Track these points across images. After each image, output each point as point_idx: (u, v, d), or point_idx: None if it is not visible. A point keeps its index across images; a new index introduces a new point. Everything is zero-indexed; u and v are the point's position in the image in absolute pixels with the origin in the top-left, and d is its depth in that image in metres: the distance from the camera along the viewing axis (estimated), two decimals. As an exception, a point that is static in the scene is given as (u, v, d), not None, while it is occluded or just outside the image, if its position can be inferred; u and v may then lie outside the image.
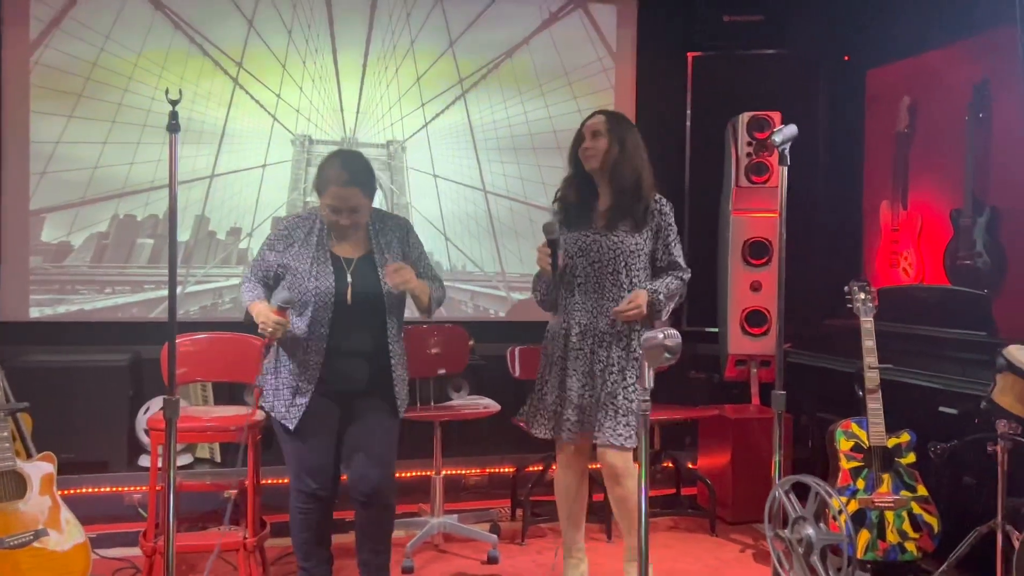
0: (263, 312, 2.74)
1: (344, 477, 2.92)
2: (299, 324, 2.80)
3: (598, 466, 3.05)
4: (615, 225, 3.02)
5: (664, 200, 3.07)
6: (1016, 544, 2.66)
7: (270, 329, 2.71)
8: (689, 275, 3.08)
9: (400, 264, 2.81)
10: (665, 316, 3.02)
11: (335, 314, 2.80)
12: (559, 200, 3.17)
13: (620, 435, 2.92)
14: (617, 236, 3.01)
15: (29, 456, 2.88)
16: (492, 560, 3.58)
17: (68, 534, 2.84)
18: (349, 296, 2.81)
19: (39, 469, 2.85)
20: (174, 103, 2.32)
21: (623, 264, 3.00)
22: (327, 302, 2.79)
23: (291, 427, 2.82)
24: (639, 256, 3.02)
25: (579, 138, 3.12)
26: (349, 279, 2.83)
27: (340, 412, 2.87)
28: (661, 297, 2.97)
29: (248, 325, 2.88)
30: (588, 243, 3.03)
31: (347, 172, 2.77)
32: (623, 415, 2.94)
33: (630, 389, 2.95)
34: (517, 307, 4.89)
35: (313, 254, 2.83)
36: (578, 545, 3.19)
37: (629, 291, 2.98)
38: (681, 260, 3.07)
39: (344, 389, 2.85)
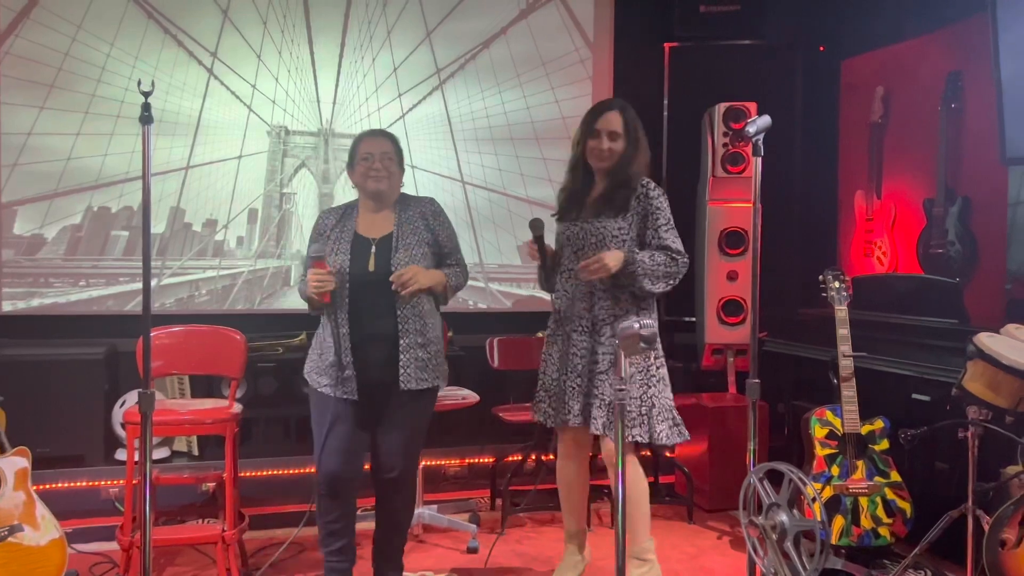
0: (307, 276, 2.77)
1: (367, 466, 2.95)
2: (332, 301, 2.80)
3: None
4: (599, 212, 3.00)
5: (652, 185, 2.99)
6: (986, 528, 2.70)
7: (315, 283, 2.71)
8: (683, 260, 2.94)
9: (401, 272, 2.78)
10: (655, 288, 2.89)
11: (352, 294, 2.79)
12: (561, 191, 3.17)
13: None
14: (600, 222, 2.98)
15: (3, 451, 2.85)
16: (472, 550, 3.59)
17: (44, 529, 2.82)
18: (372, 266, 2.81)
19: (13, 464, 2.83)
20: (146, 94, 2.30)
21: (604, 248, 2.94)
22: (343, 279, 2.79)
23: (349, 397, 2.79)
24: (622, 241, 2.95)
25: (591, 133, 3.01)
26: (371, 257, 2.83)
27: (360, 398, 2.81)
28: (638, 258, 2.86)
29: (227, 318, 2.86)
30: (574, 232, 3.04)
31: (376, 131, 2.97)
32: (600, 403, 2.93)
33: (605, 377, 2.94)
34: (496, 297, 4.90)
35: (338, 234, 2.87)
36: (578, 530, 3.20)
37: (612, 277, 2.92)
38: (674, 244, 2.94)
39: (361, 372, 2.80)
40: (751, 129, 2.56)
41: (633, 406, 2.92)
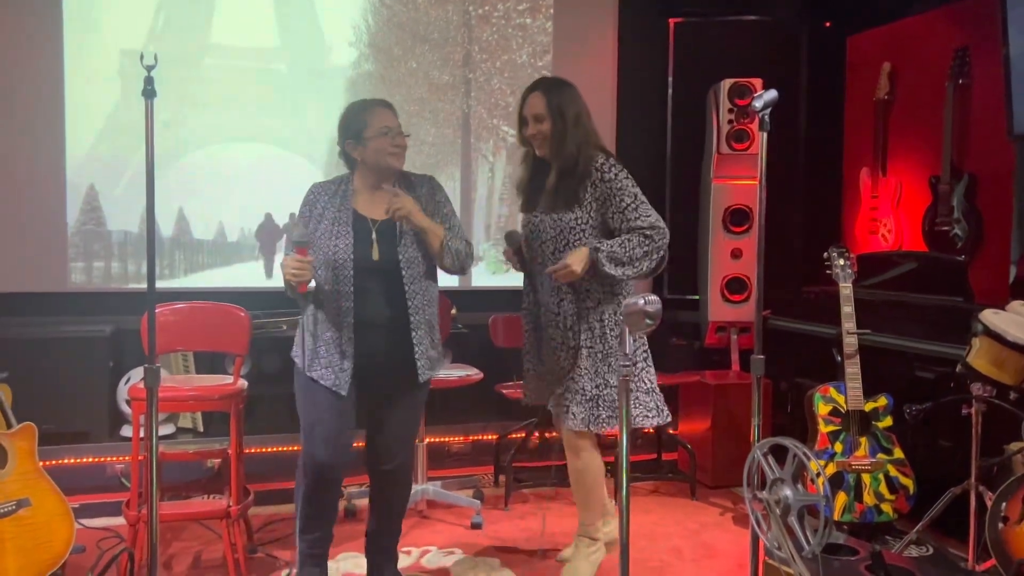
0: (284, 261, 2.58)
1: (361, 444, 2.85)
2: (326, 287, 2.64)
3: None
4: (557, 203, 2.89)
5: (608, 165, 2.83)
6: (989, 504, 2.71)
7: (293, 270, 2.53)
8: (660, 233, 2.81)
9: (398, 191, 2.65)
10: (637, 270, 2.81)
11: (357, 277, 2.63)
12: (517, 183, 3.07)
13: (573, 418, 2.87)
14: (556, 215, 2.88)
15: (9, 427, 2.86)
16: (476, 526, 3.62)
17: (51, 504, 2.83)
18: (375, 255, 2.65)
19: (19, 440, 2.84)
20: (150, 68, 2.27)
21: (564, 243, 2.87)
22: (346, 262, 2.62)
23: (344, 392, 2.64)
24: (583, 232, 2.84)
25: (522, 122, 2.94)
26: (374, 238, 2.66)
27: (358, 385, 2.71)
28: (603, 254, 2.76)
29: (231, 294, 2.84)
30: (535, 224, 2.95)
31: (383, 101, 2.74)
32: (580, 398, 2.88)
33: (582, 371, 2.88)
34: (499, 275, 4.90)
35: (335, 214, 2.66)
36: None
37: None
38: (643, 222, 2.80)
39: (365, 360, 2.68)
40: (758, 103, 2.53)
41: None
